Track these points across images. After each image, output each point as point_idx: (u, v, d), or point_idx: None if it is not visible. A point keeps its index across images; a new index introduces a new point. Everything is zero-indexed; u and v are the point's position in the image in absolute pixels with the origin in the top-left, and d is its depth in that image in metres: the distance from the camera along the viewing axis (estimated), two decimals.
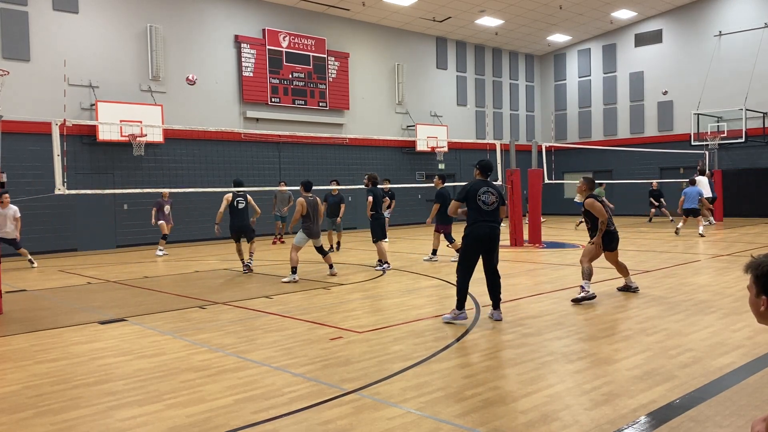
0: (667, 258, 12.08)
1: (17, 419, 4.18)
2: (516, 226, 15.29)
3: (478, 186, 7.00)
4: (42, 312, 8.18)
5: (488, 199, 6.93)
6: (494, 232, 6.88)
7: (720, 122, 23.95)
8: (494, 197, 6.96)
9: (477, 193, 6.92)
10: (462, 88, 27.61)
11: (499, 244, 7.09)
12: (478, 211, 6.88)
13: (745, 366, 5.00)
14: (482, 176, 7.16)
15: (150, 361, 5.51)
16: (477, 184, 7.04)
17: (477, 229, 6.83)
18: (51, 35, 16.86)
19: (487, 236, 6.84)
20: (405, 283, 9.91)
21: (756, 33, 23.82)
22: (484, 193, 6.93)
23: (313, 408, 4.22)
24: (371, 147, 23.40)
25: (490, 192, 6.96)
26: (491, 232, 6.85)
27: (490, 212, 6.92)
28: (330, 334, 6.39)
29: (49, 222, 16.68)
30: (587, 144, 27.59)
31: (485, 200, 6.91)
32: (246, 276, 11.38)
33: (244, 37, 20.47)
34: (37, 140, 15.82)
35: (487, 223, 6.85)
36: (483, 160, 7.31)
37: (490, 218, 6.89)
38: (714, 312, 7.01)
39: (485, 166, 7.21)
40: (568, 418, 3.92)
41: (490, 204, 6.92)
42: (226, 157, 19.52)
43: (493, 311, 6.98)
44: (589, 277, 7.86)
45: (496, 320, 6.85)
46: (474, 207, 6.89)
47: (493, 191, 7.00)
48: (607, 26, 27.42)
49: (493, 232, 6.87)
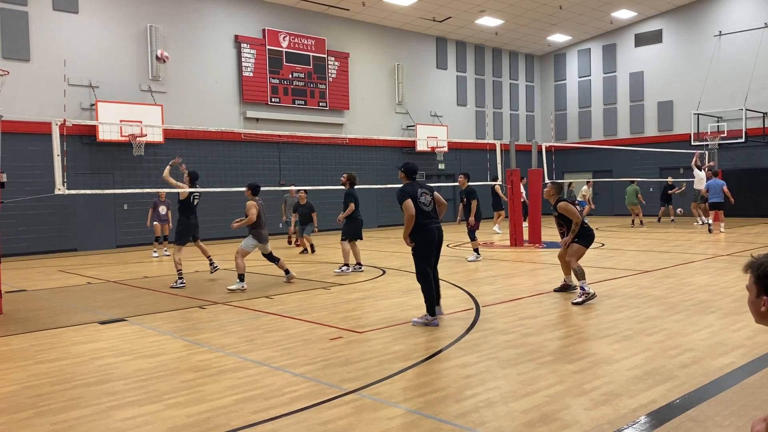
0: (667, 258, 12.08)
1: (17, 419, 4.18)
2: (516, 226, 15.29)
3: (414, 189, 6.94)
4: (42, 312, 8.18)
5: (426, 199, 6.97)
6: (441, 232, 6.99)
7: (720, 122, 23.96)
8: (430, 196, 7.03)
9: (416, 196, 6.89)
10: (462, 88, 27.62)
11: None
12: (422, 213, 6.87)
13: (745, 366, 5.00)
14: (409, 179, 7.12)
15: (150, 361, 5.51)
16: (411, 187, 6.98)
17: (427, 232, 6.84)
18: (51, 35, 16.87)
19: (437, 237, 6.93)
20: (405, 283, 9.91)
21: (756, 33, 23.82)
22: (422, 194, 6.94)
23: (313, 408, 4.22)
24: (371, 147, 23.41)
25: (425, 192, 6.99)
26: (439, 232, 6.96)
27: (431, 212, 6.99)
28: (330, 334, 6.39)
29: (49, 222, 16.69)
30: (587, 144, 27.60)
31: (424, 201, 6.94)
32: (246, 276, 11.37)
33: (244, 37, 20.47)
34: (37, 140, 15.82)
35: (433, 223, 6.92)
36: (407, 162, 7.30)
37: (434, 218, 6.99)
38: (714, 312, 7.01)
39: (410, 168, 7.19)
40: (568, 418, 3.92)
41: (429, 204, 6.98)
42: (226, 157, 19.52)
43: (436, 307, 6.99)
44: (583, 277, 7.86)
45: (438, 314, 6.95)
46: (417, 210, 6.84)
47: (426, 191, 7.03)
48: (607, 26, 27.43)
49: (440, 233, 6.98)
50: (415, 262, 6.91)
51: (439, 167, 26.07)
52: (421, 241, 6.85)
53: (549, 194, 8.37)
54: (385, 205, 24.16)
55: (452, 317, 7.11)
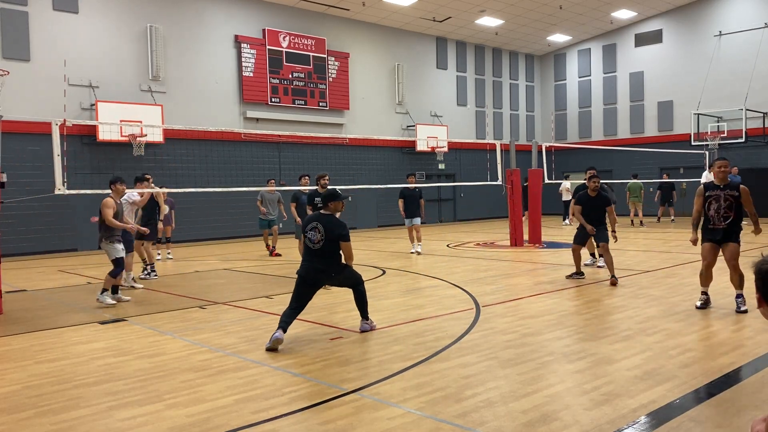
0: (667, 258, 12.08)
1: (17, 419, 4.18)
2: (516, 226, 15.29)
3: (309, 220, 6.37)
4: (42, 312, 8.17)
5: (314, 236, 6.19)
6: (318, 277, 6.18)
7: (720, 122, 23.95)
8: (320, 235, 6.15)
9: (305, 229, 6.31)
10: (462, 88, 27.61)
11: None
12: (306, 248, 6.28)
13: (745, 366, 5.00)
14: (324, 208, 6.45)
15: (150, 361, 5.51)
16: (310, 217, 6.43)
17: (302, 269, 6.26)
18: (51, 35, 16.86)
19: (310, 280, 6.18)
20: (405, 283, 9.91)
21: (756, 33, 23.82)
22: (311, 230, 6.22)
23: (313, 408, 4.23)
24: (371, 147, 23.41)
25: (315, 228, 6.20)
26: (315, 275, 6.17)
27: (316, 251, 6.17)
28: (330, 334, 6.39)
29: (49, 222, 16.69)
30: (587, 144, 27.60)
31: (311, 238, 6.21)
32: (246, 276, 11.39)
33: (244, 37, 20.47)
34: (37, 140, 15.81)
35: (307, 263, 6.22)
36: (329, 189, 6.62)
37: (315, 258, 6.18)
38: (714, 312, 7.01)
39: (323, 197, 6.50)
40: (568, 418, 3.92)
41: (316, 242, 6.17)
42: (226, 157, 19.52)
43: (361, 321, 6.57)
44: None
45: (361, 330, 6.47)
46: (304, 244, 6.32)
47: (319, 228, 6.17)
48: (607, 26, 27.42)
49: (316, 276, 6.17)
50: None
51: (439, 167, 26.07)
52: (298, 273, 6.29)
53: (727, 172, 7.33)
54: (385, 206, 24.16)
55: (452, 317, 7.11)
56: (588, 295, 8.31)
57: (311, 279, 6.19)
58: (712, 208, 7.12)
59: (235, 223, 19.96)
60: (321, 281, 6.30)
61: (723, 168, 7.18)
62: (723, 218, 7.08)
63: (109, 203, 8.88)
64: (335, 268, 6.27)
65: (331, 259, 6.22)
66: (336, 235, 6.17)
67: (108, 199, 8.96)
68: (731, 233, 7.07)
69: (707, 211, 7.17)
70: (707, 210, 7.17)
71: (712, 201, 7.14)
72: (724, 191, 7.09)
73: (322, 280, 6.29)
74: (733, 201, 7.03)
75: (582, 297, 8.22)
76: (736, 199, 7.05)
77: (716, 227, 7.11)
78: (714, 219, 7.11)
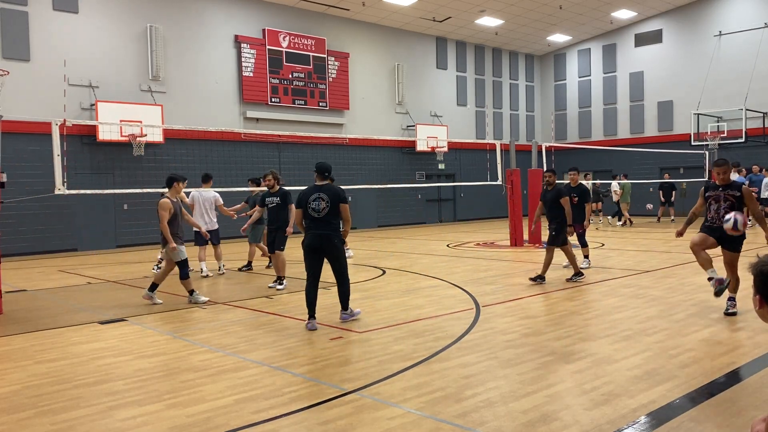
0: (667, 258, 12.08)
1: (17, 419, 4.18)
2: (516, 226, 15.29)
3: (309, 192, 6.89)
4: (42, 312, 8.17)
5: (318, 206, 6.77)
6: (323, 241, 6.73)
7: (720, 122, 23.95)
8: (324, 202, 6.76)
9: (307, 200, 6.84)
10: (462, 88, 27.61)
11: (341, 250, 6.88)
12: (310, 218, 6.81)
13: (745, 366, 5.00)
14: (319, 179, 6.98)
15: (150, 361, 5.51)
16: (309, 190, 6.92)
17: (307, 239, 6.81)
18: (51, 35, 16.86)
19: (317, 246, 6.75)
20: (405, 283, 9.91)
21: (756, 33, 23.82)
22: (315, 200, 6.80)
23: (313, 408, 4.22)
24: (371, 147, 23.41)
25: (320, 198, 6.79)
26: (322, 242, 6.73)
27: (321, 219, 6.76)
28: (330, 334, 6.39)
29: (49, 222, 16.69)
30: (587, 144, 27.59)
31: (315, 207, 6.77)
32: (248, 276, 11.39)
33: (244, 37, 20.47)
34: (37, 140, 15.82)
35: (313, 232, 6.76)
36: (319, 162, 7.21)
37: (321, 226, 6.75)
38: (714, 312, 7.01)
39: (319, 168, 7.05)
40: (568, 418, 3.92)
41: (321, 210, 6.75)
42: (226, 157, 19.52)
43: (341, 312, 7.03)
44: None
45: (342, 320, 6.97)
46: (306, 215, 6.85)
47: (323, 196, 6.78)
48: (607, 26, 27.42)
49: (321, 241, 6.73)
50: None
51: (439, 167, 26.08)
52: (303, 246, 6.86)
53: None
54: (385, 205, 24.17)
55: (452, 317, 7.11)
56: (588, 295, 8.31)
57: (316, 244, 6.76)
58: (712, 209, 6.89)
59: (234, 223, 19.92)
60: (324, 246, 6.77)
61: (721, 174, 6.87)
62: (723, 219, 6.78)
63: (165, 205, 8.11)
64: (336, 234, 6.85)
65: (333, 224, 6.84)
66: (341, 199, 6.84)
67: (165, 200, 8.15)
68: (735, 240, 6.70)
69: (707, 211, 6.96)
70: (707, 211, 6.96)
71: (711, 201, 6.90)
72: (725, 191, 6.86)
73: (325, 244, 6.76)
74: (734, 201, 6.73)
75: (582, 297, 8.22)
76: (737, 200, 6.74)
77: (714, 225, 6.82)
78: (715, 220, 6.83)
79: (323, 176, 6.99)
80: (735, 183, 6.93)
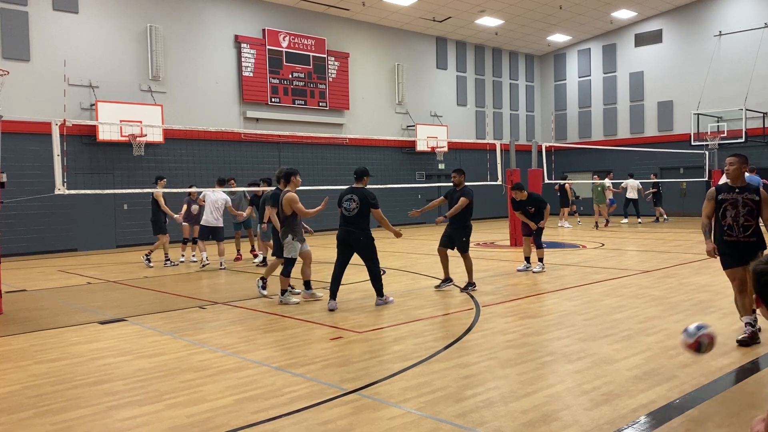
0: (667, 258, 12.08)
1: (17, 419, 4.18)
2: (516, 226, 15.27)
3: (345, 193, 7.95)
4: (42, 312, 8.17)
5: (349, 205, 7.79)
6: (348, 236, 7.76)
7: (720, 122, 23.95)
8: (355, 204, 7.74)
9: (342, 199, 7.91)
10: (462, 88, 27.61)
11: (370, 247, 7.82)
12: (342, 215, 7.86)
13: (745, 366, 5.00)
14: (356, 182, 8.01)
15: (150, 361, 5.51)
16: (345, 191, 7.99)
17: (338, 233, 7.94)
18: (51, 35, 16.86)
19: (344, 240, 7.82)
20: (405, 283, 9.91)
21: (756, 33, 23.82)
22: (347, 200, 7.82)
23: (313, 408, 4.22)
24: (371, 147, 23.41)
25: (352, 199, 7.79)
26: (348, 236, 7.78)
27: (351, 218, 7.74)
28: (330, 334, 6.39)
29: (49, 222, 16.69)
30: (587, 144, 27.59)
31: (347, 207, 7.81)
32: (246, 276, 11.39)
33: (244, 37, 20.47)
34: (37, 140, 15.81)
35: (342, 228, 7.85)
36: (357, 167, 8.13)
37: (349, 223, 7.78)
38: (714, 312, 7.01)
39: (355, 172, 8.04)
40: (568, 418, 3.92)
41: (351, 210, 7.76)
42: (226, 157, 19.52)
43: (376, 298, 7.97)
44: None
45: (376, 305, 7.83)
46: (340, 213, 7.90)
47: (355, 198, 7.77)
48: (607, 26, 27.42)
49: (348, 236, 7.77)
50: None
51: (439, 167, 26.06)
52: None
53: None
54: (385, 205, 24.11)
55: (452, 317, 7.11)
56: (588, 295, 8.31)
57: (345, 238, 7.82)
58: (728, 215, 5.77)
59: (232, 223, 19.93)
60: (350, 240, 7.78)
61: (729, 165, 5.83)
62: (743, 228, 5.72)
63: (295, 198, 8.19)
64: (363, 231, 7.79)
65: (361, 223, 7.78)
66: (370, 204, 7.80)
67: (292, 194, 8.24)
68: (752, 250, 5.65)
69: (722, 218, 5.82)
70: (722, 217, 5.82)
71: (727, 206, 5.78)
72: (742, 194, 5.75)
73: (351, 238, 7.77)
74: (753, 206, 5.70)
75: (582, 297, 8.22)
76: (757, 204, 5.70)
77: (738, 240, 5.73)
78: (734, 229, 5.74)
79: (359, 179, 7.97)
80: (751, 185, 5.86)
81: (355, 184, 7.98)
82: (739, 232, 5.72)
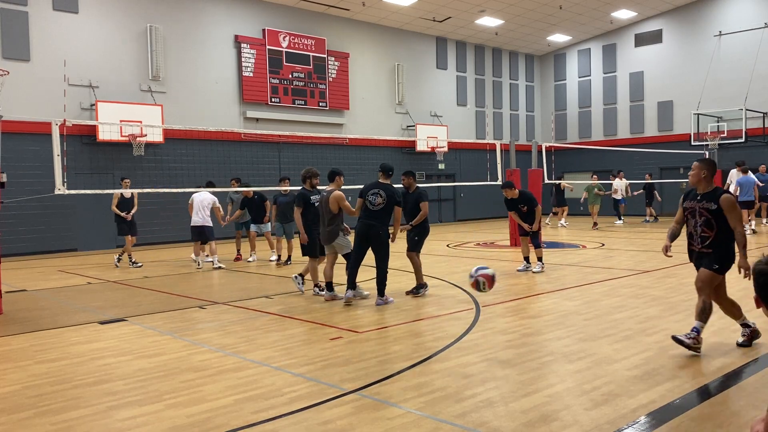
0: (667, 258, 12.06)
1: (17, 419, 4.18)
2: (516, 226, 15.25)
3: (370, 186, 7.97)
4: (42, 312, 8.17)
5: (375, 200, 7.83)
6: (369, 230, 7.77)
7: (720, 122, 23.94)
8: (381, 199, 7.79)
9: (367, 192, 7.92)
10: (462, 88, 27.61)
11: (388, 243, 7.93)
12: (365, 209, 7.89)
13: (745, 366, 5.00)
14: (383, 177, 8.04)
15: (150, 361, 5.51)
16: (370, 184, 8.01)
17: (357, 226, 7.94)
18: (51, 35, 16.86)
19: (365, 233, 7.82)
20: (405, 283, 9.91)
21: (756, 33, 23.81)
22: (373, 194, 7.87)
23: (313, 408, 4.22)
24: (371, 147, 23.40)
25: (378, 194, 7.84)
26: (369, 230, 7.78)
27: (375, 212, 7.79)
28: (330, 334, 6.39)
29: (49, 222, 16.69)
30: (587, 144, 27.58)
31: (372, 201, 7.84)
32: (246, 276, 11.39)
33: (244, 37, 20.47)
34: (37, 140, 15.81)
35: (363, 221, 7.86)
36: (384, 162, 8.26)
37: (372, 217, 7.81)
38: (714, 312, 6.99)
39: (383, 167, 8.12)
40: (568, 418, 3.92)
41: (377, 204, 7.80)
42: (226, 157, 19.52)
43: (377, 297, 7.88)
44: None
45: (376, 305, 7.77)
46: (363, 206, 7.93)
47: (382, 193, 7.80)
48: (607, 26, 27.42)
49: (368, 230, 7.78)
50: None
51: (439, 167, 26.07)
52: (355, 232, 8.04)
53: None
54: None
55: (452, 317, 7.11)
56: (588, 295, 8.31)
57: (365, 232, 7.82)
58: (690, 224, 5.52)
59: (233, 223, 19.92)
60: (369, 234, 7.80)
61: (692, 171, 5.49)
62: (700, 239, 5.40)
63: (342, 196, 8.20)
64: (383, 228, 7.83)
65: (383, 219, 7.82)
66: (396, 201, 7.89)
67: (340, 193, 8.23)
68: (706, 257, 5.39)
69: (686, 226, 5.61)
70: (686, 226, 5.61)
71: (688, 215, 5.51)
72: (701, 203, 5.39)
73: (371, 233, 7.79)
74: (709, 216, 5.29)
75: (582, 297, 8.22)
76: (714, 215, 5.26)
77: (693, 249, 5.55)
78: (694, 238, 5.49)
79: (386, 175, 8.02)
80: (716, 191, 5.38)
81: (381, 179, 8.01)
82: (698, 242, 5.45)
